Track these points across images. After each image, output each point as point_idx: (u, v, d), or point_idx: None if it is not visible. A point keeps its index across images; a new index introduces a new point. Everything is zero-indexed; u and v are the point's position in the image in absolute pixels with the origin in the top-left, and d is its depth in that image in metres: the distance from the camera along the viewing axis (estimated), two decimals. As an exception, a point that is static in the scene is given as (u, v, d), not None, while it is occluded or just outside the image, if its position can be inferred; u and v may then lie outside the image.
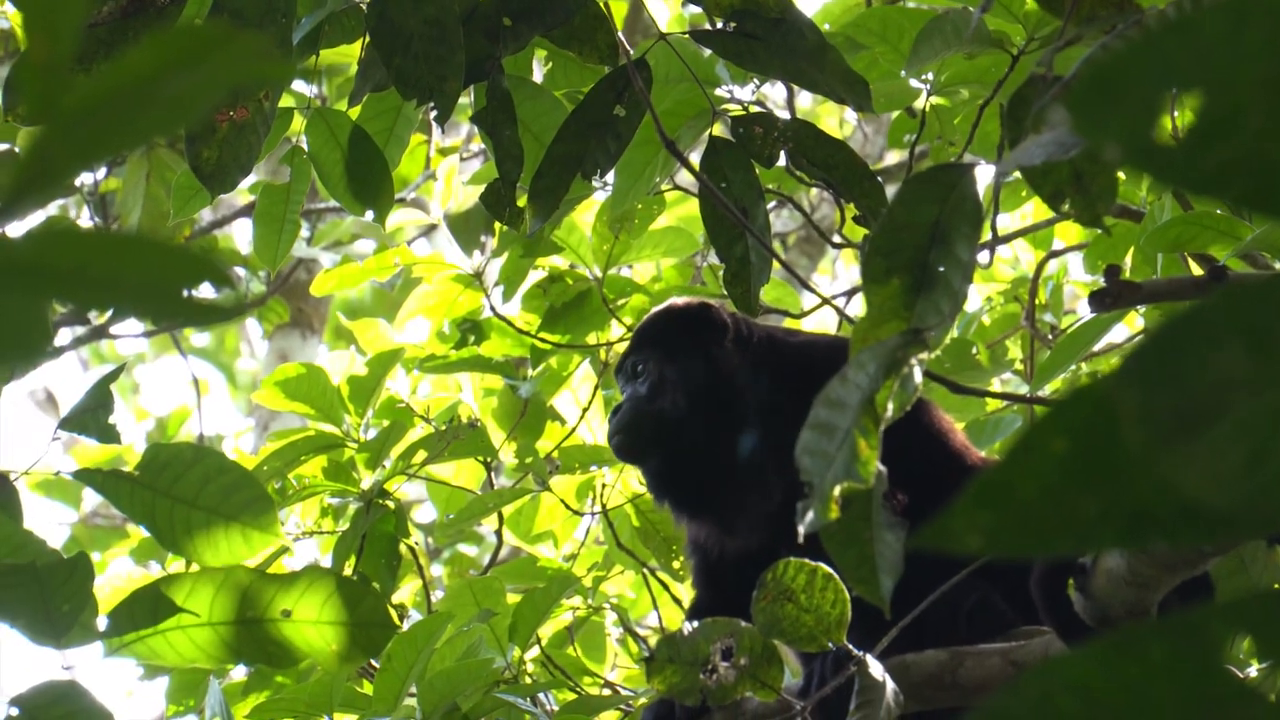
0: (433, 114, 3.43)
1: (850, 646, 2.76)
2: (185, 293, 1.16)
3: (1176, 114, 3.18)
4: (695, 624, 2.72)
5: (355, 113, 3.89)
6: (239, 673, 5.03)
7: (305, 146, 4.04)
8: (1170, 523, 1.29)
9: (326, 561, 5.02)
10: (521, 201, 3.68)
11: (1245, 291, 1.24)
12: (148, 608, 2.45)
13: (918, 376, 2.27)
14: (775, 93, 5.08)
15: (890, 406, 2.25)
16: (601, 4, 3.69)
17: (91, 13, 3.34)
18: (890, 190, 3.48)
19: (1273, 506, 1.26)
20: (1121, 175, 3.61)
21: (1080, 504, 1.29)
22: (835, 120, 9.12)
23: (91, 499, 9.92)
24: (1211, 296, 1.24)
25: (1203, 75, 1.25)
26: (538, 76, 4.08)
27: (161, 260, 1.01)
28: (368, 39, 3.50)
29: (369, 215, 3.87)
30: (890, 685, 2.76)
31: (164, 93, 1.14)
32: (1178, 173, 1.30)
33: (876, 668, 2.76)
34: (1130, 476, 1.27)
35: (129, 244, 1.01)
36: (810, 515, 2.22)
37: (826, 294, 8.14)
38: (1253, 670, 2.91)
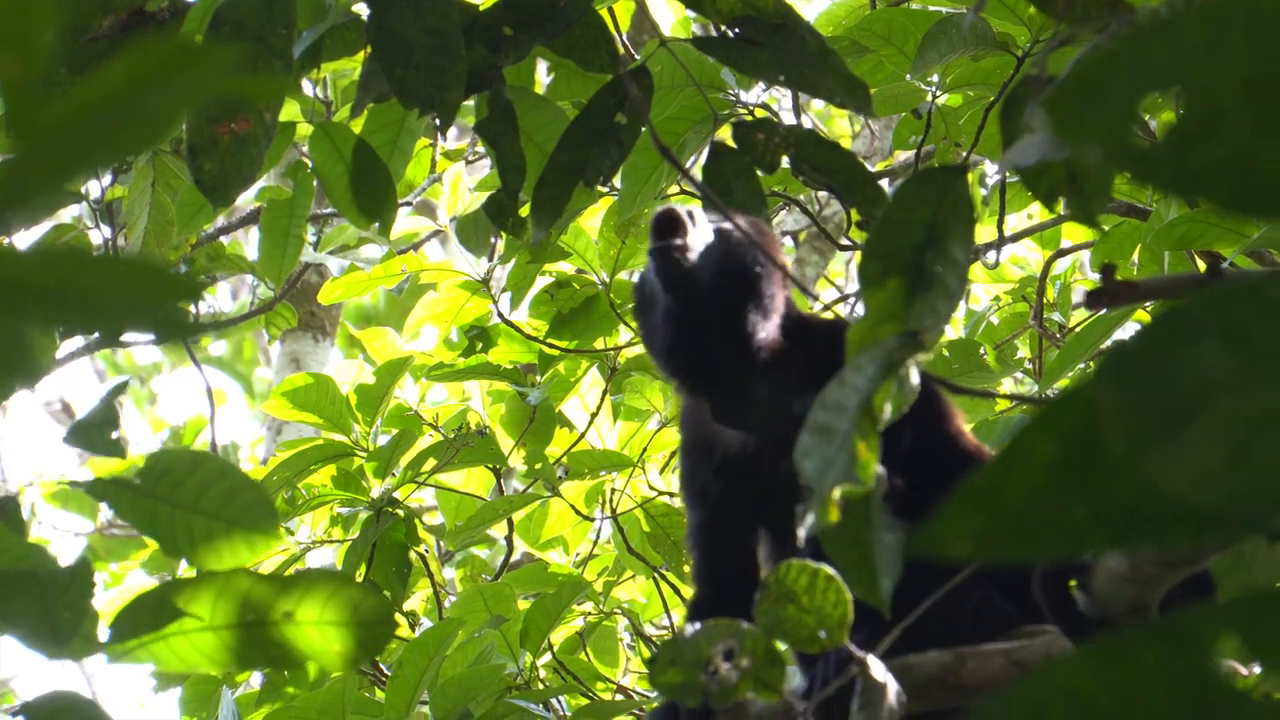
0: (435, 123, 3.43)
1: (852, 648, 2.76)
2: (177, 310, 1.16)
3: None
4: (698, 625, 2.72)
5: (359, 124, 3.89)
6: (253, 681, 5.05)
7: (309, 159, 4.05)
8: (1158, 524, 1.29)
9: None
10: (524, 211, 3.67)
11: (1224, 291, 1.24)
12: (151, 613, 2.45)
13: (915, 378, 2.27)
14: (785, 94, 5.08)
15: (888, 408, 2.26)
16: (604, 13, 3.69)
17: (89, 27, 3.36)
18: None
19: (1255, 505, 1.26)
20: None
21: (1068, 507, 1.29)
22: (847, 119, 9.09)
23: (107, 509, 9.91)
24: (1191, 297, 1.24)
25: (1184, 77, 1.25)
26: (544, 82, 4.08)
27: (140, 281, 1.01)
28: (369, 50, 3.50)
29: (374, 227, 3.87)
30: (893, 686, 2.76)
31: (140, 108, 1.14)
32: (1160, 174, 1.30)
33: (879, 668, 2.76)
34: (1116, 479, 1.27)
35: (106, 265, 1.02)
36: (810, 518, 2.23)
37: (840, 290, 8.16)
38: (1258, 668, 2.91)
